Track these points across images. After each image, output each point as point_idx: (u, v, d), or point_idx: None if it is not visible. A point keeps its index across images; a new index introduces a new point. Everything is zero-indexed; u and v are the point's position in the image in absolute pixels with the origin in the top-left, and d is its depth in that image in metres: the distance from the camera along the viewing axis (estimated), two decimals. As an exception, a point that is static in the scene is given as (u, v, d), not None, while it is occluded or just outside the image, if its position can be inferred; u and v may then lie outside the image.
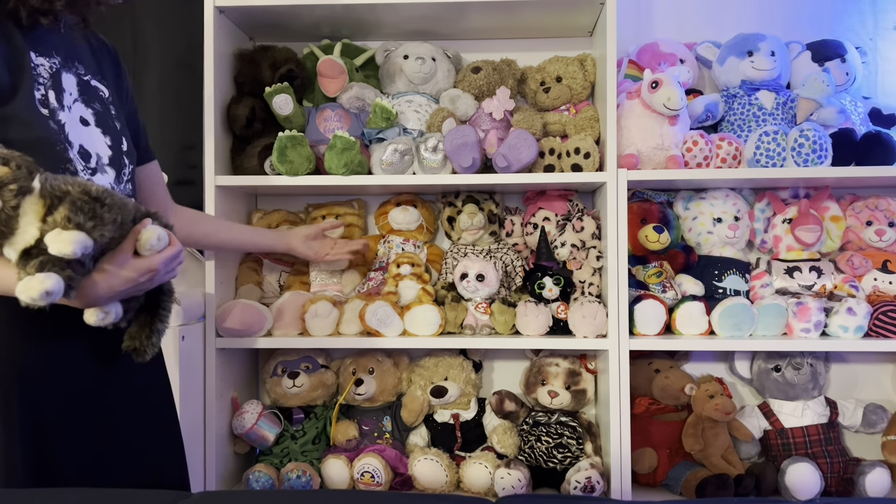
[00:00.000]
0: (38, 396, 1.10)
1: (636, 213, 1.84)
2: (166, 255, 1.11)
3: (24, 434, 1.08)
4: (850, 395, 1.93)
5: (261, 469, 1.77)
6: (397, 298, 1.79)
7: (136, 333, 1.15)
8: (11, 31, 1.09)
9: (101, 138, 1.19)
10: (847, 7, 2.00)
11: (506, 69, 1.90)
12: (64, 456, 1.11)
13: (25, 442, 1.07)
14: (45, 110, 1.10)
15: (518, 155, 1.71)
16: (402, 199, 1.96)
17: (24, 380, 1.09)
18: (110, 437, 1.18)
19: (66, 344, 1.13)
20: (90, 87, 1.20)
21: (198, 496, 0.95)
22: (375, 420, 1.91)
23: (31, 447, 1.08)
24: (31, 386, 1.09)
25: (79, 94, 1.17)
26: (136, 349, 1.14)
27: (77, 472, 1.11)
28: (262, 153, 1.81)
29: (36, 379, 1.10)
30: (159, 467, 1.26)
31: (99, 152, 1.18)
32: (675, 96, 1.71)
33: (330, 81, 1.85)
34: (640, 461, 1.78)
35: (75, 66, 1.18)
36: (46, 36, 1.14)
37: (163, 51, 2.05)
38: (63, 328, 1.11)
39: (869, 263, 1.84)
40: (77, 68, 1.19)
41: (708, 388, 1.79)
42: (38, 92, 1.10)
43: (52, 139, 1.10)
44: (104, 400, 1.18)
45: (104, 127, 1.20)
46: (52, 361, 1.12)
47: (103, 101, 1.22)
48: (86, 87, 1.19)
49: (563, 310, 1.77)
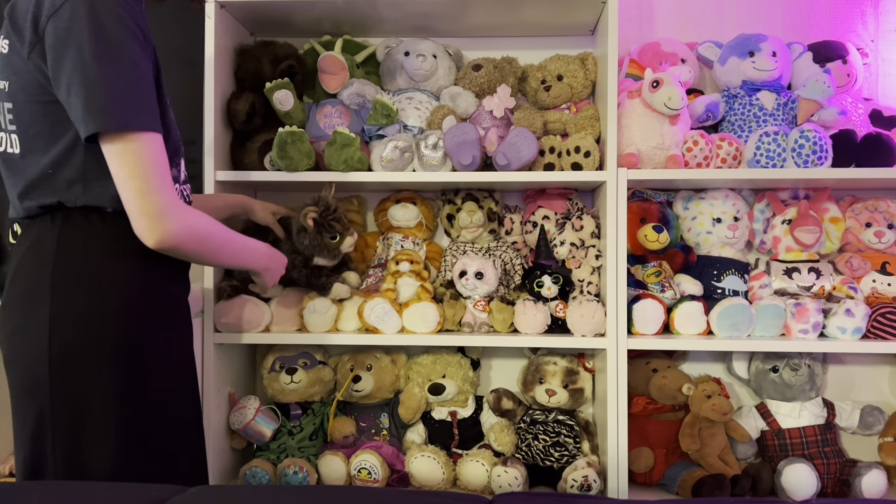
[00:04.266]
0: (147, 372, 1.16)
1: (636, 213, 1.85)
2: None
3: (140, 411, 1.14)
4: (847, 396, 1.93)
5: (258, 465, 1.77)
6: (396, 295, 1.79)
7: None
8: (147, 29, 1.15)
9: (175, 126, 1.28)
10: (849, 8, 2.00)
11: (507, 67, 1.90)
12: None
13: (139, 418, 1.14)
14: (168, 101, 1.21)
15: (518, 153, 1.71)
16: (401, 196, 1.96)
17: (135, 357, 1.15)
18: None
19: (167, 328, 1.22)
20: (161, 73, 1.26)
21: (194, 491, 0.95)
22: (373, 417, 1.91)
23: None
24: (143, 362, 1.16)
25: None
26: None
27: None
28: (261, 149, 1.81)
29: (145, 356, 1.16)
30: (182, 453, 1.27)
31: (178, 140, 1.27)
32: (675, 96, 1.70)
33: (331, 77, 1.85)
34: (637, 460, 1.78)
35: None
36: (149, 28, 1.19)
37: (163, 45, 2.04)
38: (168, 316, 1.22)
39: (868, 265, 1.84)
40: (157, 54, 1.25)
41: (705, 388, 1.79)
42: (163, 84, 1.19)
43: (174, 132, 1.22)
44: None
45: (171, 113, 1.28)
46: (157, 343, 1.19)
47: (166, 87, 1.29)
48: (160, 74, 1.25)
49: (561, 308, 1.77)
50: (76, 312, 1.11)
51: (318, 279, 1.73)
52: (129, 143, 1.06)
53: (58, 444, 1.09)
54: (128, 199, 1.08)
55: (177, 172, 1.23)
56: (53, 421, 1.09)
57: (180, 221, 1.12)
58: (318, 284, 1.74)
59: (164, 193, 1.10)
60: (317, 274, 1.73)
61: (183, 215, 1.13)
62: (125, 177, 1.07)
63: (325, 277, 1.74)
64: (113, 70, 1.04)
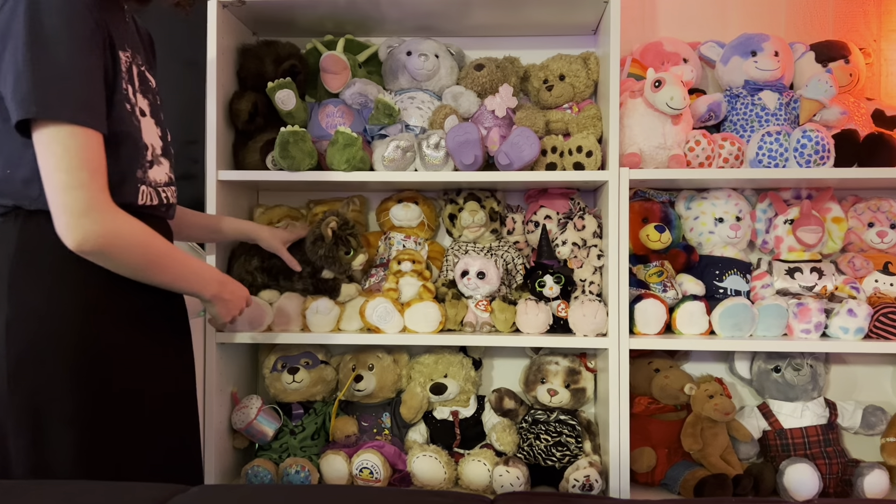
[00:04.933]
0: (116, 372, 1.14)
1: (638, 213, 1.84)
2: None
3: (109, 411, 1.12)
4: (849, 396, 1.93)
5: (260, 464, 1.78)
6: (398, 295, 1.79)
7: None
8: (109, 27, 1.10)
9: (155, 130, 1.22)
10: (851, 8, 2.00)
11: (509, 66, 1.90)
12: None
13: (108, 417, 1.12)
14: (129, 106, 1.13)
15: (520, 153, 1.71)
16: (403, 195, 1.96)
17: (104, 358, 1.12)
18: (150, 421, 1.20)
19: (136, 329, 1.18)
20: (146, 78, 1.22)
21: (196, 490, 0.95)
22: (375, 416, 1.91)
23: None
24: (111, 363, 1.13)
25: (139, 85, 1.19)
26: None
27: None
28: (264, 148, 1.81)
29: (115, 358, 1.14)
30: (179, 453, 1.27)
31: (154, 144, 1.21)
32: (678, 95, 1.70)
33: (333, 77, 1.85)
34: (639, 460, 1.78)
35: (137, 57, 1.20)
36: (120, 29, 1.15)
37: (166, 45, 2.04)
38: (133, 316, 1.18)
39: (870, 265, 1.83)
40: (137, 59, 1.20)
41: (707, 388, 1.79)
42: (125, 88, 1.12)
43: (134, 135, 1.14)
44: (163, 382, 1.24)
45: (156, 118, 1.23)
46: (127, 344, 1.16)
47: (153, 92, 1.25)
48: (143, 78, 1.21)
49: (563, 308, 1.77)
50: (33, 313, 1.08)
51: (324, 283, 1.77)
52: (56, 134, 1.01)
53: (21, 446, 1.07)
54: (50, 193, 1.02)
55: (142, 174, 1.17)
56: (15, 421, 1.07)
57: (106, 224, 1.04)
58: (327, 288, 1.77)
59: (91, 191, 1.02)
60: (323, 280, 1.77)
61: (111, 217, 1.05)
62: (50, 169, 1.01)
63: (332, 281, 1.77)
64: (43, 59, 1.00)
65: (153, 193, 1.20)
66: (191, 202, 1.91)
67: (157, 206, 1.21)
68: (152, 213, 1.22)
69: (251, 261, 1.78)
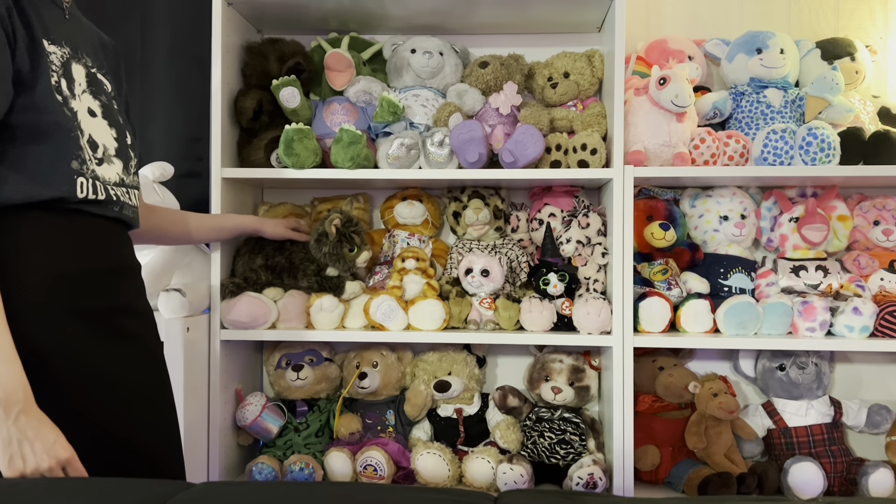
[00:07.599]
0: (64, 377, 1.10)
1: (642, 210, 1.84)
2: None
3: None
4: (854, 395, 1.93)
5: (264, 461, 1.78)
6: (402, 293, 1.79)
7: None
8: (30, 18, 1.10)
9: (108, 130, 1.20)
10: (858, 6, 1.99)
11: (513, 64, 1.89)
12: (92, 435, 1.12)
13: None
14: (59, 97, 1.11)
15: (524, 150, 1.71)
16: (407, 193, 1.96)
17: (48, 360, 1.09)
18: (119, 421, 1.18)
19: (79, 325, 1.14)
20: (97, 80, 1.21)
21: (200, 487, 0.95)
22: (379, 414, 1.91)
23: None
24: (55, 367, 1.10)
25: (87, 86, 1.18)
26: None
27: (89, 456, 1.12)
28: (268, 146, 1.81)
29: (60, 360, 1.10)
30: (156, 457, 1.26)
31: (105, 143, 1.19)
32: (682, 93, 1.70)
33: (337, 75, 1.85)
34: (643, 458, 1.78)
35: (83, 57, 1.19)
36: (56, 25, 1.15)
37: (171, 43, 2.05)
38: (74, 311, 1.13)
39: (875, 263, 1.83)
40: (85, 60, 1.20)
41: (712, 387, 1.79)
42: (52, 79, 1.11)
43: (66, 125, 1.12)
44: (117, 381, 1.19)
45: (110, 120, 1.21)
46: (67, 341, 1.12)
47: (108, 95, 1.23)
48: (93, 80, 1.20)
49: (567, 306, 1.77)
50: None
51: (328, 281, 1.79)
52: None
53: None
54: None
55: (79, 166, 1.13)
56: None
57: None
58: (331, 286, 1.79)
59: None
60: (327, 278, 1.79)
61: None
62: None
63: (336, 278, 1.79)
64: None
65: (99, 188, 1.16)
66: (195, 199, 1.92)
67: (105, 202, 1.17)
68: (102, 214, 1.18)
69: (255, 259, 1.79)
